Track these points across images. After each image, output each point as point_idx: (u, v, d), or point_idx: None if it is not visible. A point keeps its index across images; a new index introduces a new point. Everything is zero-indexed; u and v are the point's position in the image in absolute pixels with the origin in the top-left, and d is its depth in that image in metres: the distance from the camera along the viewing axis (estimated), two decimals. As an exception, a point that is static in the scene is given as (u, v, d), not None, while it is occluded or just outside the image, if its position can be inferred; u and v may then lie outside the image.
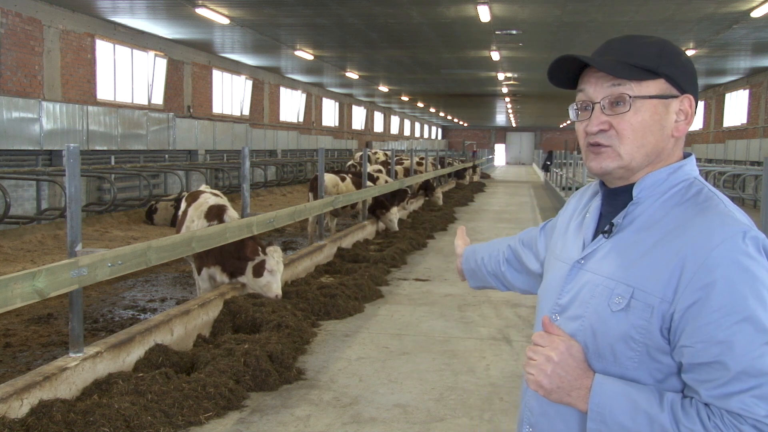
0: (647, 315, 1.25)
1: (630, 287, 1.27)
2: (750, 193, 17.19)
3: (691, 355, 1.21)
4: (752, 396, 1.16)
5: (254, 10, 14.59)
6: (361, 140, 38.45)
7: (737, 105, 26.05)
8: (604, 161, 1.35)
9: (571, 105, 1.42)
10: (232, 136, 20.30)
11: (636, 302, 1.26)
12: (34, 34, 13.32)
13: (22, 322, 6.15)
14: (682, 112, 1.36)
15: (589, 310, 1.33)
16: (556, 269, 1.49)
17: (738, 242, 1.21)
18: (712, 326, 1.18)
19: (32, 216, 11.37)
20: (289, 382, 4.64)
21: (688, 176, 1.36)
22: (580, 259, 1.41)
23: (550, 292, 1.47)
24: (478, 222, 14.78)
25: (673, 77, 1.34)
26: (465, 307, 6.90)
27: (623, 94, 1.32)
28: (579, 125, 1.40)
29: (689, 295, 1.21)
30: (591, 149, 1.37)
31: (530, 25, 15.59)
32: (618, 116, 1.33)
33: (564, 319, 1.39)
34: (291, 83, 28.19)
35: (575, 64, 1.38)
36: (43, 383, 3.67)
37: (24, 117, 11.76)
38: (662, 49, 1.35)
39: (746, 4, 12.97)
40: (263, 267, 5.96)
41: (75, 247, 4.08)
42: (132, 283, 7.99)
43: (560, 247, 1.52)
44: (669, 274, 1.24)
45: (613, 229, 1.36)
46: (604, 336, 1.29)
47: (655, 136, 1.33)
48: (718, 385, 1.17)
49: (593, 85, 1.36)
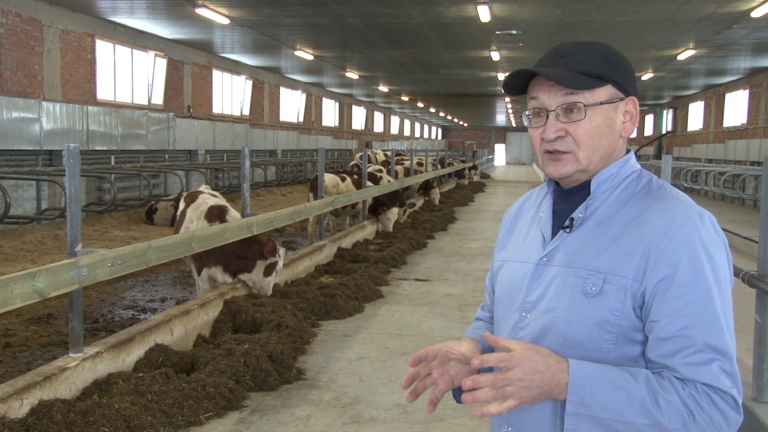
0: (621, 297, 1.32)
1: (602, 273, 1.34)
2: (750, 194, 17.19)
3: (660, 329, 1.28)
4: (719, 368, 1.24)
5: (254, 10, 14.59)
6: (361, 140, 38.44)
7: (737, 105, 26.03)
8: (564, 167, 1.41)
9: (524, 113, 1.47)
10: (232, 136, 20.30)
11: (609, 286, 1.32)
12: (34, 34, 13.32)
13: (22, 322, 6.15)
14: (628, 113, 1.44)
15: (563, 301, 1.37)
16: (516, 270, 1.50)
17: (698, 223, 1.32)
18: (679, 301, 1.28)
19: (32, 216, 11.37)
20: (289, 382, 4.64)
21: (635, 168, 1.46)
22: (543, 257, 1.44)
23: (514, 291, 1.48)
24: (478, 222, 14.77)
25: (619, 82, 1.41)
26: (465, 307, 6.90)
27: (577, 102, 1.38)
28: (534, 131, 1.45)
29: (657, 272, 1.29)
30: (549, 156, 1.43)
31: (530, 25, 15.59)
32: (573, 123, 1.39)
33: (536, 314, 1.41)
34: (291, 83, 28.19)
35: (527, 73, 1.43)
36: (43, 383, 3.67)
37: (24, 117, 11.76)
38: (607, 54, 1.42)
39: (746, 4, 12.97)
40: (275, 267, 6.19)
41: (75, 247, 4.08)
42: (132, 283, 7.99)
43: (517, 250, 1.54)
44: (638, 256, 1.32)
45: (574, 224, 1.42)
46: (580, 323, 1.34)
47: (608, 139, 1.41)
48: (687, 354, 1.25)
49: (546, 93, 1.40)
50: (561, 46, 1.44)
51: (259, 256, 6.15)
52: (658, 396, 1.22)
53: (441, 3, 13.52)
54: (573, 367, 1.26)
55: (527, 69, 1.42)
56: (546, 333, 1.38)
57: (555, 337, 1.36)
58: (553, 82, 1.39)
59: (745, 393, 3.81)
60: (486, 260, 9.76)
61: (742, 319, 4.43)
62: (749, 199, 17.36)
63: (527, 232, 1.54)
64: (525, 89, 1.47)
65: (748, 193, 17.30)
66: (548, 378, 1.25)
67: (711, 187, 19.01)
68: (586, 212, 1.42)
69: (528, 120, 1.46)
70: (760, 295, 3.85)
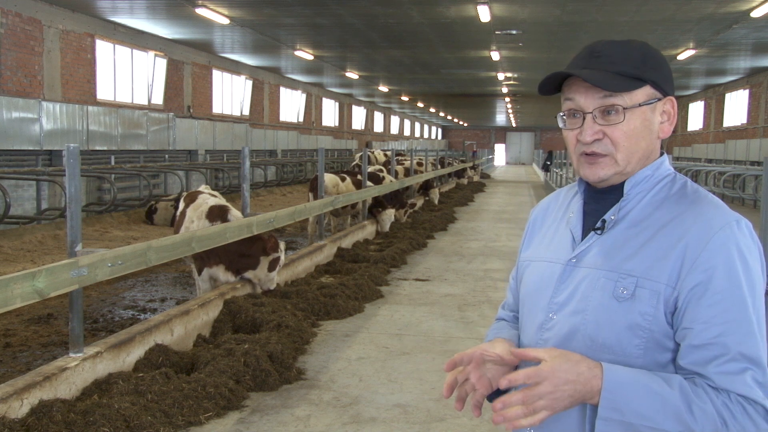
0: (654, 301, 1.28)
1: (634, 277, 1.30)
2: (750, 193, 17.19)
3: (693, 336, 1.25)
4: (752, 378, 1.22)
5: (254, 10, 14.59)
6: (361, 140, 38.44)
7: (737, 105, 26.03)
8: (602, 170, 1.38)
9: (558, 114, 1.44)
10: (232, 136, 20.30)
11: (642, 290, 1.29)
12: (34, 34, 13.32)
13: (22, 322, 6.15)
14: (666, 113, 1.41)
15: (592, 303, 1.34)
16: (543, 270, 1.47)
17: (734, 229, 1.28)
18: (713, 308, 1.24)
19: (32, 216, 11.37)
20: (289, 382, 4.64)
21: (669, 171, 1.43)
22: (572, 258, 1.41)
23: (541, 292, 1.45)
24: (478, 222, 14.77)
25: (657, 82, 1.38)
26: (465, 307, 6.90)
27: (616, 105, 1.35)
28: (569, 133, 1.41)
29: (692, 278, 1.26)
30: (586, 158, 1.39)
31: (530, 25, 15.59)
32: (611, 126, 1.36)
33: (563, 316, 1.38)
34: (291, 83, 28.19)
35: (564, 74, 1.40)
36: (43, 383, 3.67)
37: (24, 117, 11.76)
38: (645, 54, 1.38)
39: (746, 4, 12.97)
40: (278, 262, 6.29)
41: (75, 247, 4.08)
42: (132, 283, 7.99)
43: (544, 249, 1.51)
44: (672, 260, 1.29)
45: (606, 226, 1.39)
46: (610, 327, 1.31)
47: (646, 141, 1.39)
48: (720, 363, 1.22)
49: (583, 95, 1.37)
50: (597, 45, 1.40)
51: (262, 253, 6.21)
52: (692, 404, 1.19)
53: (441, 3, 13.52)
54: (607, 371, 1.23)
55: (563, 71, 1.39)
56: (573, 335, 1.35)
57: (583, 340, 1.33)
58: (590, 84, 1.35)
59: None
60: (486, 260, 9.76)
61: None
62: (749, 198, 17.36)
63: (555, 231, 1.51)
64: (558, 89, 1.43)
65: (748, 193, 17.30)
66: (580, 386, 1.22)
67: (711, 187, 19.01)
68: (618, 214, 1.39)
69: (563, 121, 1.42)
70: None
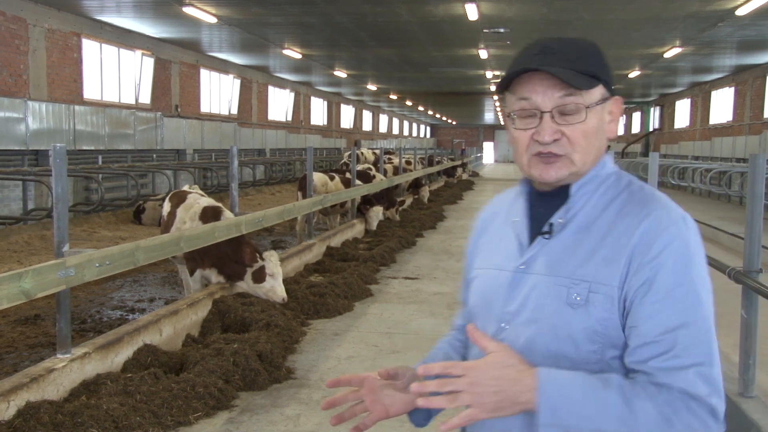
0: (608, 305, 1.25)
1: (587, 282, 1.27)
2: (736, 190, 17.32)
3: (638, 334, 1.23)
4: (696, 374, 1.18)
5: (242, 9, 14.54)
6: (350, 139, 38.41)
7: (723, 102, 26.22)
8: (559, 170, 1.33)
9: (509, 113, 1.37)
10: (220, 136, 20.23)
11: (595, 296, 1.26)
12: (19, 32, 13.20)
13: (8, 323, 6.11)
14: (611, 113, 1.38)
15: (546, 312, 1.29)
16: (492, 278, 1.41)
17: (681, 226, 1.27)
18: (658, 305, 1.22)
19: (18, 216, 11.28)
20: (279, 381, 4.63)
21: (613, 169, 1.40)
22: (521, 265, 1.36)
23: (490, 301, 1.39)
24: (467, 220, 14.81)
25: (607, 80, 1.36)
26: (454, 306, 6.91)
27: (579, 104, 1.31)
28: (522, 133, 1.35)
29: (639, 277, 1.24)
30: (542, 159, 1.34)
31: (517, 24, 15.63)
32: (571, 125, 1.32)
33: (516, 326, 1.33)
34: (279, 82, 28.11)
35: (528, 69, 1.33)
36: (30, 385, 3.65)
37: (9, 117, 11.66)
38: (597, 52, 1.36)
39: (731, 2, 13.06)
40: (264, 272, 5.92)
41: (62, 248, 4.05)
42: (120, 283, 7.94)
43: (491, 256, 1.45)
44: (622, 262, 1.26)
45: (554, 229, 1.34)
46: (566, 335, 1.27)
47: (600, 140, 1.36)
48: (664, 359, 1.20)
49: (541, 94, 1.32)
50: (548, 41, 1.34)
51: (245, 264, 5.96)
52: (632, 403, 1.16)
53: (429, 1, 13.53)
54: (542, 375, 1.19)
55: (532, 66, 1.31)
56: (529, 346, 1.29)
57: (539, 349, 1.28)
58: (550, 82, 1.30)
59: (732, 388, 3.85)
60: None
61: (728, 315, 4.47)
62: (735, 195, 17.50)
63: (501, 237, 1.45)
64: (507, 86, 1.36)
65: (734, 190, 17.44)
66: (507, 382, 1.18)
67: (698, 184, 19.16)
68: (566, 217, 1.34)
69: (513, 121, 1.35)
70: (746, 292, 3.89)
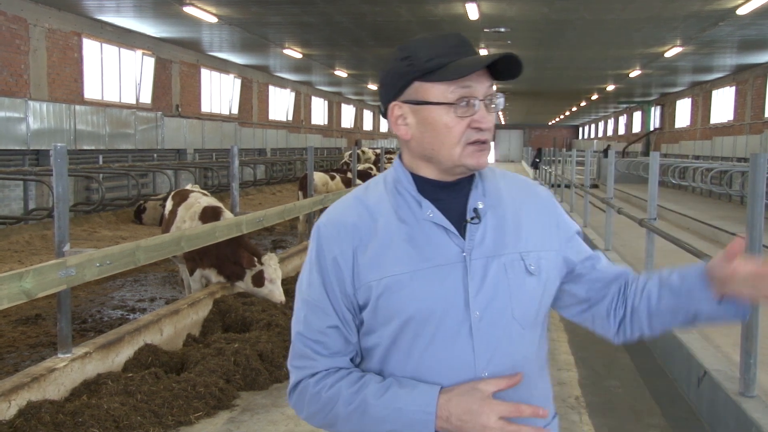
0: (553, 265, 1.43)
1: (535, 251, 1.40)
2: (737, 190, 17.31)
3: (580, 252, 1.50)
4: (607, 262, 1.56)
5: (242, 9, 14.54)
6: (351, 139, 38.42)
7: (724, 102, 26.21)
8: (485, 157, 1.40)
9: (455, 102, 1.33)
10: (221, 135, 20.23)
11: (546, 262, 1.41)
12: (19, 32, 13.21)
13: (9, 323, 6.11)
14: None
15: (513, 286, 1.36)
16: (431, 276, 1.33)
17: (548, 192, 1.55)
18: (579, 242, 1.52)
19: (19, 216, 11.29)
20: (280, 380, 4.63)
21: None
22: (463, 252, 1.33)
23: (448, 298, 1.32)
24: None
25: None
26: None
27: (497, 93, 1.38)
28: (460, 120, 1.34)
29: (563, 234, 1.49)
30: (477, 146, 1.36)
31: (518, 23, 15.63)
32: (491, 114, 1.38)
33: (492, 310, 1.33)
34: (280, 82, 28.11)
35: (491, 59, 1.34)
36: (31, 384, 3.65)
37: (10, 116, 11.67)
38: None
39: (732, 1, 13.05)
40: (263, 277, 5.92)
41: (63, 247, 4.06)
42: (121, 283, 7.95)
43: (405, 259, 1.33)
44: (547, 228, 1.45)
45: (479, 214, 1.39)
46: (531, 303, 1.38)
47: None
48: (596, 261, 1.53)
49: (478, 82, 1.34)
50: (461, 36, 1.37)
51: (245, 266, 5.98)
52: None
53: (429, 1, 13.53)
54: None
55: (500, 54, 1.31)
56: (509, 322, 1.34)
57: (519, 321, 1.36)
58: (481, 72, 1.33)
59: (733, 387, 3.85)
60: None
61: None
62: (736, 195, 17.49)
63: (410, 236, 1.35)
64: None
65: (735, 189, 17.42)
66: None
67: (698, 184, 19.13)
68: (485, 200, 1.40)
69: (455, 108, 1.33)
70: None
